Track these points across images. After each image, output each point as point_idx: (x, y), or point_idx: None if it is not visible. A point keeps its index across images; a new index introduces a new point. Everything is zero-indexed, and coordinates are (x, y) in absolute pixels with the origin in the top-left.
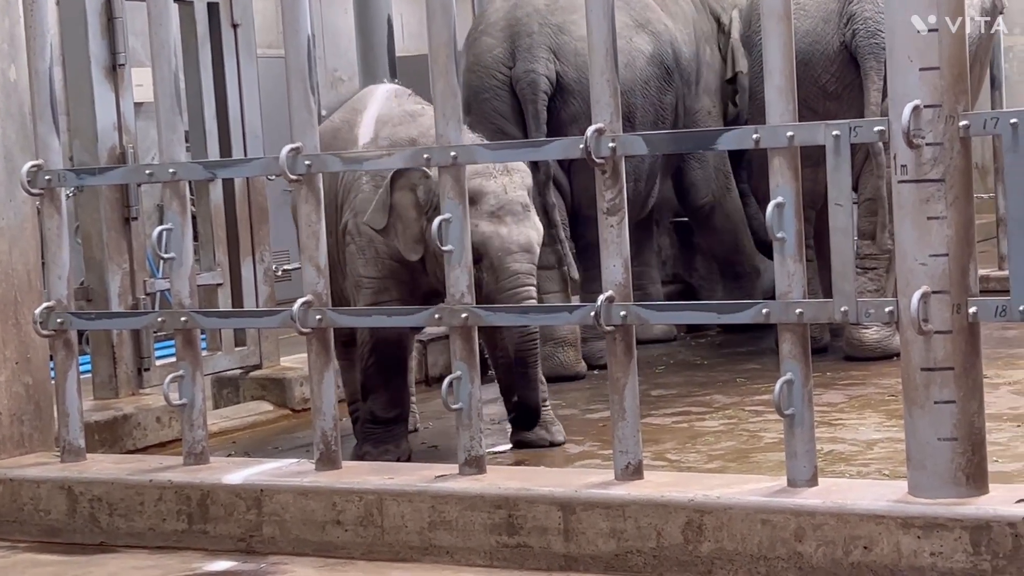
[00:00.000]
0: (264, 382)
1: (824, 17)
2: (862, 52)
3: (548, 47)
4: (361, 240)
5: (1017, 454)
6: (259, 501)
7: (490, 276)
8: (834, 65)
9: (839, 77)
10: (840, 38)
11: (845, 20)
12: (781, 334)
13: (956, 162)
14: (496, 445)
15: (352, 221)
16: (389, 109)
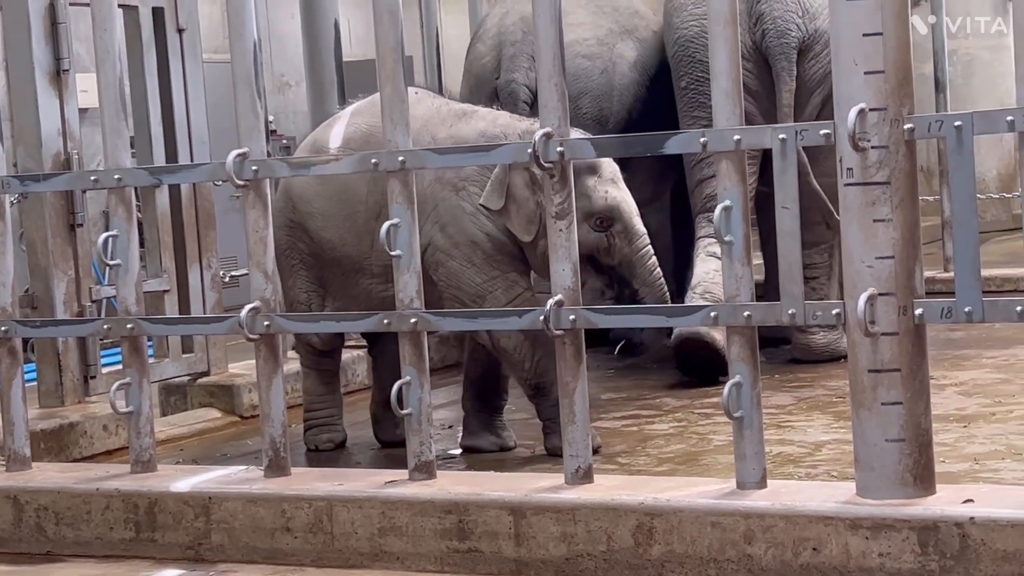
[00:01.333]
0: (212, 389)
1: None
2: (773, 53)
3: (530, 55)
4: (463, 251)
5: (964, 454)
6: (207, 509)
7: (622, 240)
8: (748, 63)
9: (755, 75)
10: (751, 38)
11: (754, 20)
12: (729, 337)
13: (901, 165)
14: (448, 450)
15: (441, 236)
16: (433, 111)
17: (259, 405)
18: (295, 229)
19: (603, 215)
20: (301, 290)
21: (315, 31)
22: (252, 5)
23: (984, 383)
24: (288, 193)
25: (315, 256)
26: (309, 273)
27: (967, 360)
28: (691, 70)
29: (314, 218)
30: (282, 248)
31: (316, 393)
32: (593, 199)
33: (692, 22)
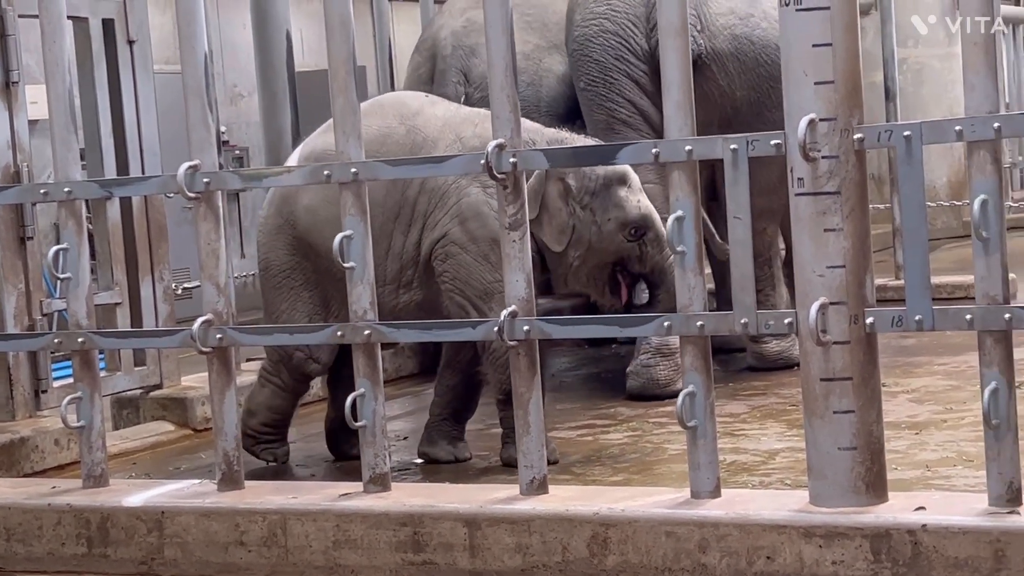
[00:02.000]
0: (165, 402)
1: (632, 20)
2: None
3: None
4: (480, 247)
5: (915, 461)
6: (160, 523)
7: (655, 248)
8: (646, 65)
9: (650, 77)
10: (647, 42)
11: (651, 26)
12: (683, 347)
13: (852, 175)
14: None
15: (459, 230)
16: (453, 111)
17: (212, 418)
18: (299, 247)
19: (638, 224)
20: (301, 312)
21: (267, 41)
22: (203, 16)
23: (936, 390)
24: (288, 208)
25: (323, 272)
26: (313, 294)
27: (919, 367)
28: (588, 70)
29: (321, 228)
30: (284, 270)
31: (281, 413)
32: (628, 209)
33: (592, 21)
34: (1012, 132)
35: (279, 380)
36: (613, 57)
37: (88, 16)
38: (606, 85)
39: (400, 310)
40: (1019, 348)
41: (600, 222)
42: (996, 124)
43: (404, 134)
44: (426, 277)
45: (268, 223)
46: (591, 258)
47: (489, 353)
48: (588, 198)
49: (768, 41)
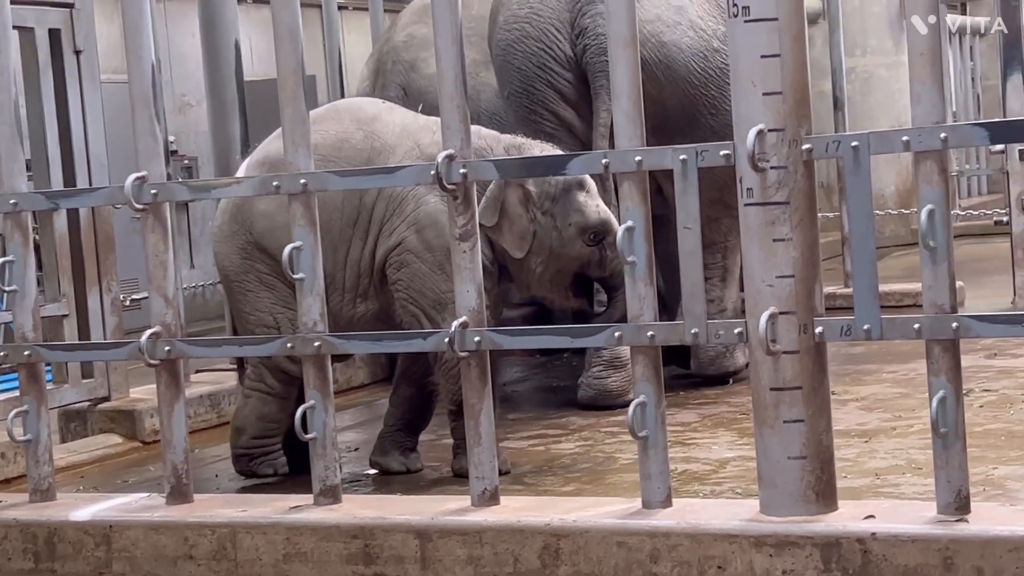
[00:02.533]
0: (113, 414)
1: (556, 26)
2: (593, 70)
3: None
4: (436, 256)
5: (865, 469)
6: (108, 537)
7: (614, 251)
8: (568, 72)
9: (574, 86)
10: (571, 48)
11: (576, 33)
12: (633, 357)
13: (800, 185)
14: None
15: (415, 238)
16: (411, 118)
17: (160, 431)
18: (250, 250)
19: (597, 229)
20: (265, 312)
21: (215, 51)
22: (149, 26)
23: (885, 398)
24: (243, 214)
25: (278, 275)
26: (272, 294)
27: (868, 375)
28: (511, 79)
29: (277, 233)
30: (237, 272)
31: (274, 421)
32: (587, 214)
33: (514, 24)
34: (959, 142)
35: (264, 385)
36: (535, 65)
37: (34, 26)
38: (528, 96)
39: (357, 320)
40: (967, 356)
41: (561, 227)
42: (943, 134)
43: (362, 139)
44: (381, 287)
45: (223, 229)
46: (552, 264)
47: (441, 364)
48: (548, 203)
49: (697, 49)
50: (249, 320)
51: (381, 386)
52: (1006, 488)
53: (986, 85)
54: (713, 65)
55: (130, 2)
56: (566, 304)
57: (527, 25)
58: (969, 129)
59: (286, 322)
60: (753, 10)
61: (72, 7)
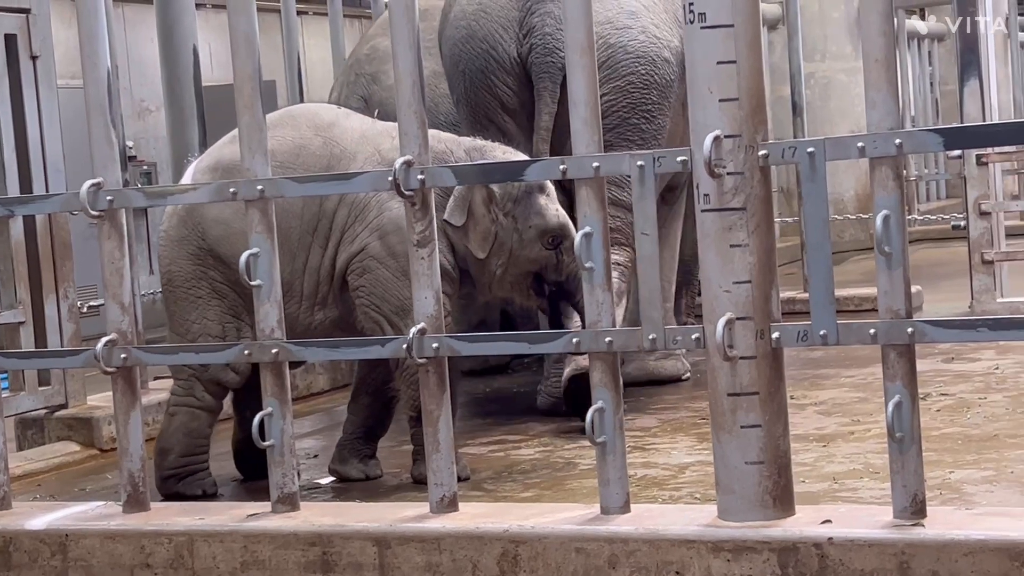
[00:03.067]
0: (70, 422)
1: (504, 24)
2: (537, 71)
3: (361, 96)
4: (400, 262)
5: (823, 474)
6: (64, 546)
7: (570, 256)
8: (510, 77)
9: (516, 92)
10: (517, 49)
11: (524, 32)
12: (592, 363)
13: (757, 191)
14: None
15: (379, 244)
16: (369, 124)
17: (117, 439)
18: (203, 257)
19: (556, 233)
20: (214, 321)
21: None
22: (105, 32)
23: (843, 402)
24: (194, 219)
25: (232, 283)
26: (223, 303)
27: (826, 379)
28: (456, 85)
29: (232, 241)
30: (187, 278)
31: (202, 436)
32: (547, 217)
33: (462, 22)
34: (913, 148)
35: (193, 399)
36: (478, 70)
37: None
38: (471, 106)
39: (315, 328)
40: (924, 360)
41: (521, 229)
42: (897, 140)
43: (320, 145)
44: (341, 294)
45: (171, 234)
46: (512, 266)
47: (403, 370)
48: (511, 205)
49: (643, 53)
50: (192, 328)
51: (341, 392)
52: (962, 492)
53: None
54: (660, 73)
55: (86, 7)
56: (527, 303)
57: (474, 23)
58: (924, 135)
59: (233, 332)
60: (709, 17)
61: (28, 12)
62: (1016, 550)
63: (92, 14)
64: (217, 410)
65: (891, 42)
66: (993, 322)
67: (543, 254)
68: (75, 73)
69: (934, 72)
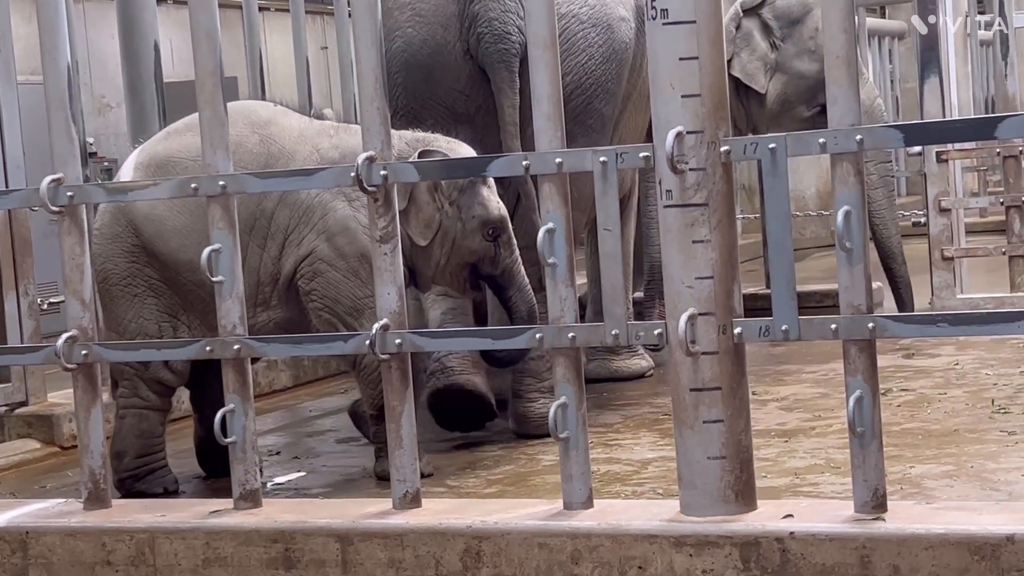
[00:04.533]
0: (31, 419)
1: (443, 23)
2: (490, 61)
3: None
4: (350, 263)
5: (785, 469)
6: (24, 544)
7: (506, 250)
8: (460, 81)
9: (469, 95)
10: (463, 46)
11: (467, 23)
12: (555, 358)
13: (719, 187)
14: (275, 476)
15: (327, 246)
16: (306, 123)
17: (78, 436)
18: (138, 254)
19: (496, 225)
20: (150, 320)
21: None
22: (65, 27)
23: (804, 398)
24: (127, 216)
25: (168, 281)
26: (159, 301)
27: (788, 375)
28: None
29: (167, 238)
30: (122, 276)
31: (155, 436)
32: (490, 208)
33: (396, 33)
34: (874, 144)
35: (139, 399)
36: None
37: None
38: (414, 116)
39: (259, 329)
40: (885, 356)
41: (465, 219)
42: (859, 136)
43: (257, 143)
44: (287, 295)
45: (104, 231)
46: (454, 256)
47: (360, 369)
48: (456, 194)
49: (598, 19)
50: (129, 327)
51: (304, 389)
52: (923, 487)
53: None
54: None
55: (46, 3)
56: (461, 296)
57: (410, 30)
58: (884, 131)
59: (170, 331)
60: (671, 13)
61: None
62: (975, 544)
63: (52, 9)
64: (165, 408)
65: (851, 39)
66: (953, 317)
67: (483, 245)
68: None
69: (894, 70)
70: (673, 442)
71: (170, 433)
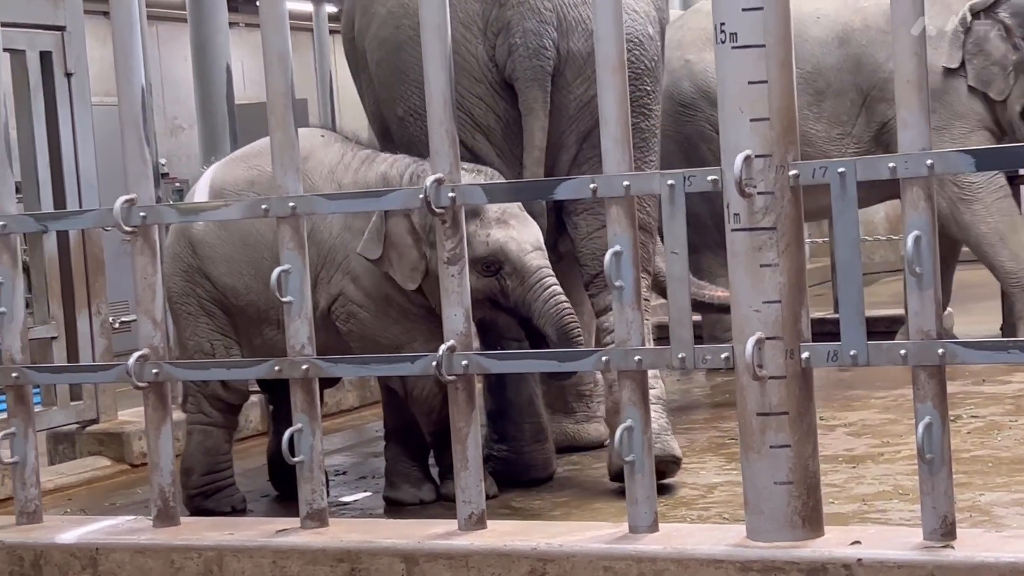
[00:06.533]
0: (101, 437)
1: (463, 19)
2: (523, 77)
3: None
4: (378, 304)
5: (852, 495)
6: (95, 560)
7: (514, 280)
8: (479, 87)
9: (488, 104)
10: (488, 52)
11: (496, 30)
12: (621, 381)
13: (787, 210)
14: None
15: (353, 289)
16: (338, 156)
17: (148, 454)
18: (193, 274)
19: (487, 260)
20: (203, 338)
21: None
22: (140, 49)
23: (872, 423)
24: (186, 237)
25: (217, 302)
26: (211, 320)
27: (856, 400)
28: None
29: (216, 263)
30: (177, 294)
31: (221, 453)
32: (474, 245)
33: (403, 20)
34: (945, 169)
35: (202, 415)
36: None
37: (25, 48)
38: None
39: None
40: (955, 382)
41: None
42: (929, 161)
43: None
44: (323, 324)
45: (168, 250)
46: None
47: (412, 399)
48: (434, 234)
49: (632, 37)
50: (188, 344)
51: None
52: (992, 515)
53: None
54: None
55: (121, 25)
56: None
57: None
58: (955, 156)
59: (222, 349)
60: (741, 37)
61: (63, 30)
62: None
63: (127, 31)
64: (229, 426)
65: (923, 63)
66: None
67: (484, 282)
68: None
69: None
70: (739, 466)
71: (237, 452)
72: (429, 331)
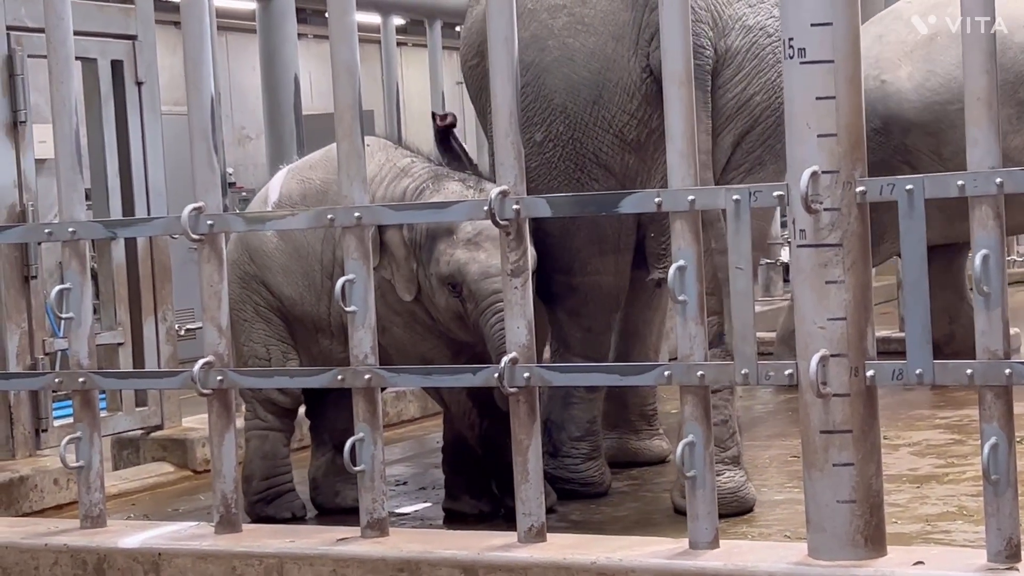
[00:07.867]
0: (165, 443)
1: (615, 33)
2: None
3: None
4: (404, 319)
5: (916, 515)
6: (157, 565)
7: (471, 303)
8: (634, 102)
9: (641, 119)
10: (641, 62)
11: (648, 36)
12: (683, 396)
13: (853, 227)
14: (401, 506)
15: (380, 304)
16: (378, 167)
17: (211, 460)
18: (250, 281)
19: (450, 280)
20: (259, 343)
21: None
22: (210, 59)
23: (937, 443)
24: (246, 245)
25: (275, 310)
26: (268, 327)
27: (921, 420)
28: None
29: (274, 273)
30: (236, 301)
31: (279, 457)
32: (440, 264)
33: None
34: (1015, 187)
35: (259, 420)
36: (589, 102)
37: (97, 57)
38: (576, 147)
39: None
40: (1020, 403)
41: (430, 276)
42: (998, 179)
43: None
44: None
45: (231, 254)
46: (444, 312)
47: (453, 415)
48: (419, 251)
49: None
50: (243, 350)
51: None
52: None
53: None
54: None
55: (191, 35)
56: None
57: (571, 40)
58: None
59: (278, 355)
60: (809, 52)
61: (135, 39)
62: None
63: (197, 41)
64: (286, 430)
65: (994, 80)
66: None
67: (451, 302)
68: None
69: None
70: (801, 484)
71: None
72: (452, 348)
